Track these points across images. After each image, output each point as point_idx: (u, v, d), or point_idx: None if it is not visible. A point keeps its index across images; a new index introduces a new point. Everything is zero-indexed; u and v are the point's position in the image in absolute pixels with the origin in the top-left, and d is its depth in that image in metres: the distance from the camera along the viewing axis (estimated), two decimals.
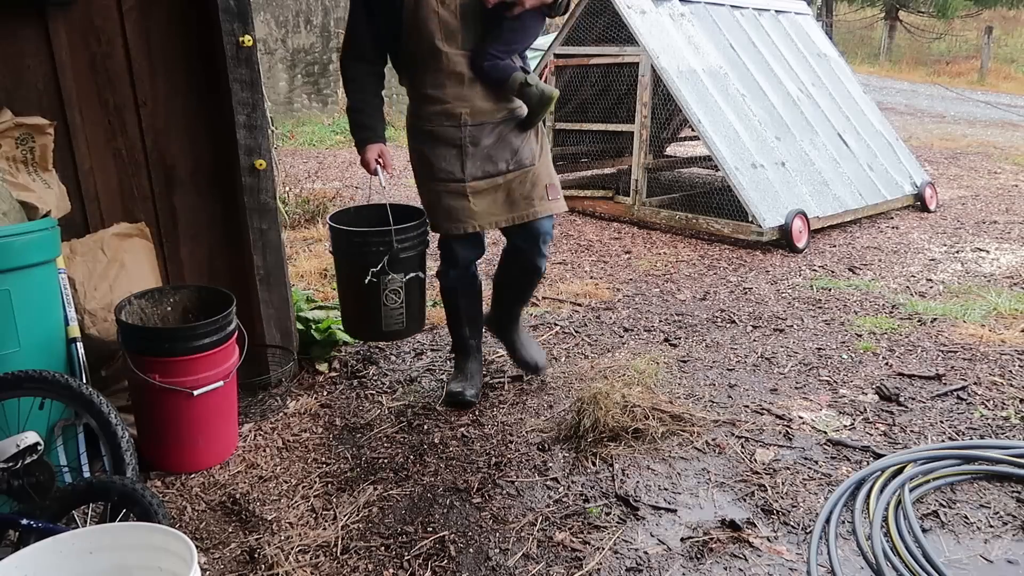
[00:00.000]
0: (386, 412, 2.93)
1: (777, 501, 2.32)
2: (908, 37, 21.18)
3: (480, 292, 3.01)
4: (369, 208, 2.91)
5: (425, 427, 2.82)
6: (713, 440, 2.67)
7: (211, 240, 2.94)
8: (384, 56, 2.69)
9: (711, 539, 2.14)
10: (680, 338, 3.62)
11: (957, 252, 5.06)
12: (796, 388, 3.09)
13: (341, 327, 3.37)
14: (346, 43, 2.68)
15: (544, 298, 4.18)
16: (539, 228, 2.77)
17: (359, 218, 2.80)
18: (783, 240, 5.09)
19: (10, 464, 1.89)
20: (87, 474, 2.26)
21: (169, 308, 2.63)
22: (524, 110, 2.71)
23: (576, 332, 3.70)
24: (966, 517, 2.22)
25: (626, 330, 3.74)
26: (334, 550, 2.12)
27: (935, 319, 3.79)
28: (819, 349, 3.47)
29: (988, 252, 5.04)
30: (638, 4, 5.76)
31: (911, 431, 2.72)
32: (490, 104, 2.65)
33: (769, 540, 2.15)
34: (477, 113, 2.63)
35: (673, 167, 7.19)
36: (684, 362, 3.34)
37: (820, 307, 4.03)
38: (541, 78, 6.43)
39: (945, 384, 3.09)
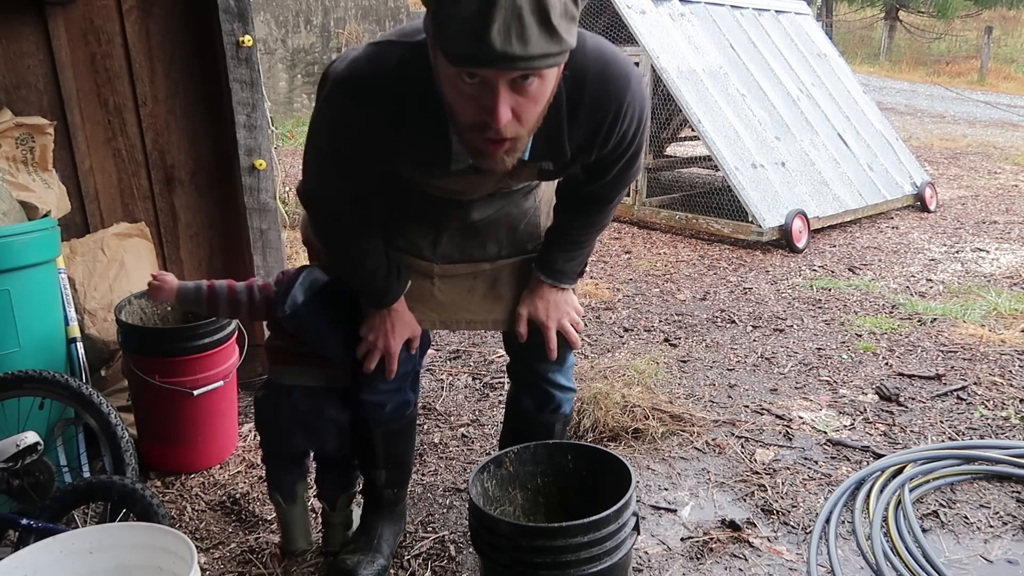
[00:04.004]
0: None
1: (777, 501, 2.32)
2: (908, 37, 21.17)
3: (413, 426, 2.07)
4: None
5: (425, 427, 2.82)
6: (713, 440, 2.67)
7: (211, 240, 2.94)
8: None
9: (711, 539, 2.14)
10: (680, 338, 3.62)
11: (957, 252, 5.06)
12: (796, 388, 3.09)
13: None
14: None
15: None
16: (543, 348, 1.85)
17: None
18: (783, 240, 5.09)
19: (10, 464, 1.89)
20: (87, 474, 2.26)
21: (169, 308, 2.63)
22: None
23: None
24: (966, 517, 2.22)
25: (626, 330, 3.74)
26: (334, 550, 2.12)
27: (935, 319, 3.79)
28: (819, 349, 3.47)
29: (988, 252, 5.04)
30: (638, 4, 5.76)
31: (911, 431, 2.72)
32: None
33: (769, 540, 2.15)
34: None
35: (673, 167, 7.19)
36: (684, 362, 3.34)
37: (820, 307, 4.03)
38: None
39: (945, 384, 3.09)
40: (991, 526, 2.18)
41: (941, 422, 2.78)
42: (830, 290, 4.31)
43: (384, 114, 1.44)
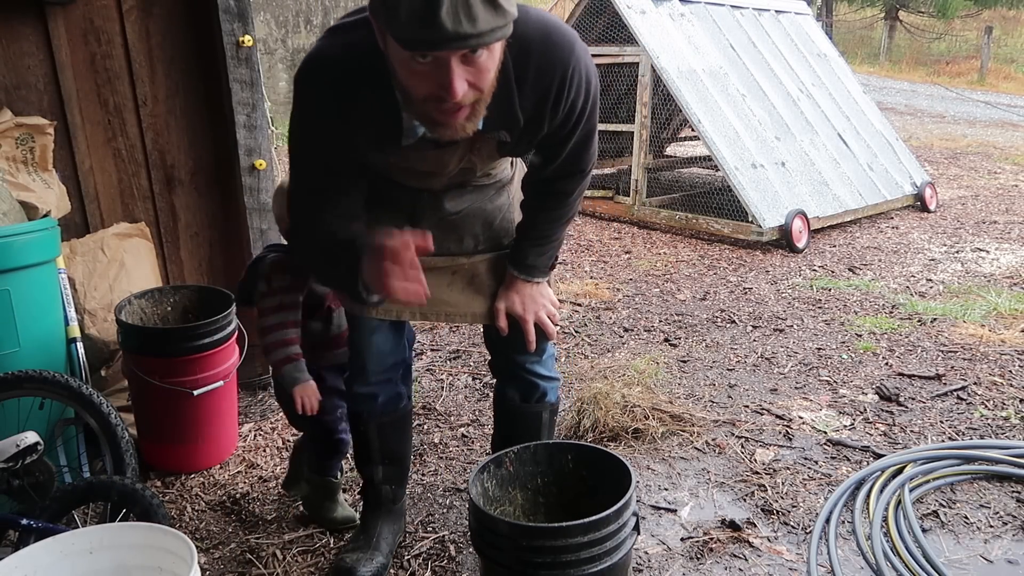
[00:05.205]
0: None
1: (777, 501, 2.32)
2: (908, 37, 21.16)
3: (408, 420, 2.10)
4: None
5: (425, 427, 2.82)
6: (713, 440, 2.67)
7: (211, 240, 2.94)
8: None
9: (711, 539, 2.14)
10: (680, 338, 3.62)
11: (957, 252, 5.06)
12: (796, 388, 3.09)
13: None
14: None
15: None
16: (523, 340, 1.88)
17: None
18: (783, 240, 5.09)
19: (10, 464, 1.89)
20: (87, 474, 2.26)
21: (169, 308, 2.63)
22: (509, 173, 1.88)
23: (576, 332, 3.70)
24: (966, 517, 2.22)
25: (626, 330, 3.74)
26: (334, 551, 2.12)
27: (935, 319, 3.79)
28: (819, 349, 3.47)
29: (988, 252, 5.04)
30: (638, 4, 5.76)
31: (911, 431, 2.72)
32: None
33: (769, 540, 2.15)
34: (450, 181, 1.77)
35: (673, 167, 7.19)
36: (684, 362, 3.34)
37: (820, 307, 4.03)
38: None
39: (945, 384, 3.09)
40: (991, 526, 2.18)
41: (941, 422, 2.78)
42: (830, 290, 4.31)
43: (339, 91, 1.49)
